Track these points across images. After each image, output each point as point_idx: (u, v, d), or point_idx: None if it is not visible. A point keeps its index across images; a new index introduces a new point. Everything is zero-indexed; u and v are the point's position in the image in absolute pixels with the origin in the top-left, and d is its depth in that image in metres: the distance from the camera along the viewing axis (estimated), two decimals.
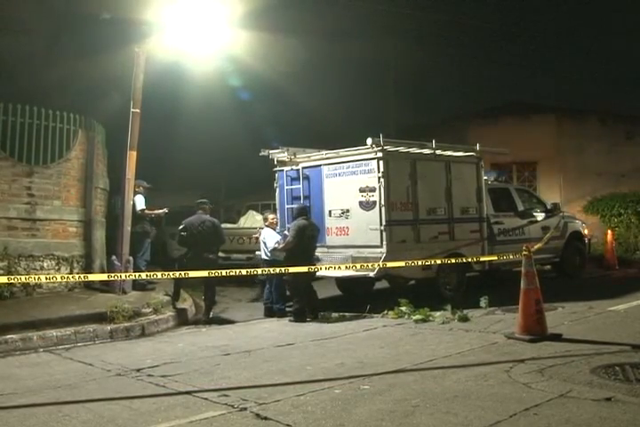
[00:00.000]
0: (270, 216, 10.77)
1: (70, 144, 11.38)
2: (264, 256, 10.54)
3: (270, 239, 10.38)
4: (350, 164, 10.73)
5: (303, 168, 11.42)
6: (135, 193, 11.44)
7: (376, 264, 9.81)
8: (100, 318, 8.72)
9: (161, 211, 12.14)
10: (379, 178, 10.25)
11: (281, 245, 10.10)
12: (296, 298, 9.83)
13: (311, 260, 9.83)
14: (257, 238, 11.07)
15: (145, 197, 11.92)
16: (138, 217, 11.45)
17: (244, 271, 8.73)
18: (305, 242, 9.85)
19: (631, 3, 27.81)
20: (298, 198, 11.37)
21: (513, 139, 18.41)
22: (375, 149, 10.27)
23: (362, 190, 10.46)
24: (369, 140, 10.18)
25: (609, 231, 16.71)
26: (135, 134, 10.98)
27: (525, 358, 6.23)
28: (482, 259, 11.09)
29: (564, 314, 9.00)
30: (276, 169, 11.88)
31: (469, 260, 10.57)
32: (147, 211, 11.82)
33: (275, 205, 12.22)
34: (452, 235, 11.18)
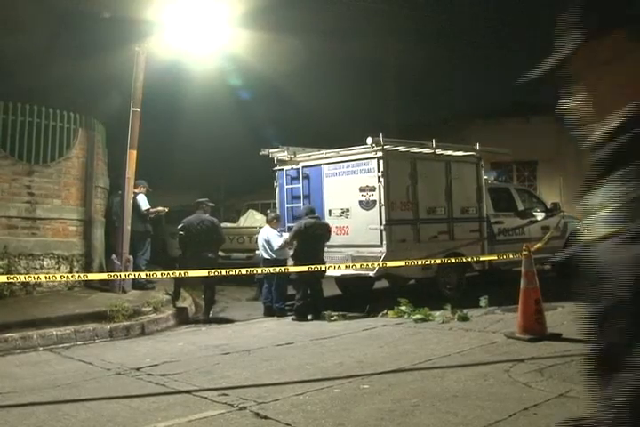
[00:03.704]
0: (274, 220, 10.71)
1: (70, 143, 11.38)
2: (266, 255, 10.53)
3: (275, 239, 10.36)
4: (350, 163, 10.73)
5: (303, 167, 11.42)
6: (136, 193, 11.46)
7: (376, 264, 9.82)
8: (100, 316, 8.72)
9: (162, 208, 12.17)
10: (379, 177, 10.26)
11: (282, 243, 10.23)
12: (299, 296, 9.86)
13: (316, 259, 9.79)
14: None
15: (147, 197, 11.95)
16: (139, 216, 11.45)
17: (243, 271, 8.74)
18: (307, 241, 9.87)
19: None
20: (298, 198, 11.37)
21: (513, 139, 18.41)
22: (375, 148, 10.27)
23: (362, 190, 10.46)
24: (369, 140, 10.18)
25: None
26: (135, 133, 10.98)
27: (525, 358, 6.24)
28: (482, 258, 11.10)
29: (563, 314, 8.99)
30: (276, 168, 11.88)
31: (469, 259, 10.58)
32: (151, 210, 11.84)
33: (275, 204, 12.23)
34: (451, 234, 11.18)
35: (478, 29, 22.51)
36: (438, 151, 11.22)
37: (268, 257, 10.48)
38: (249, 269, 9.59)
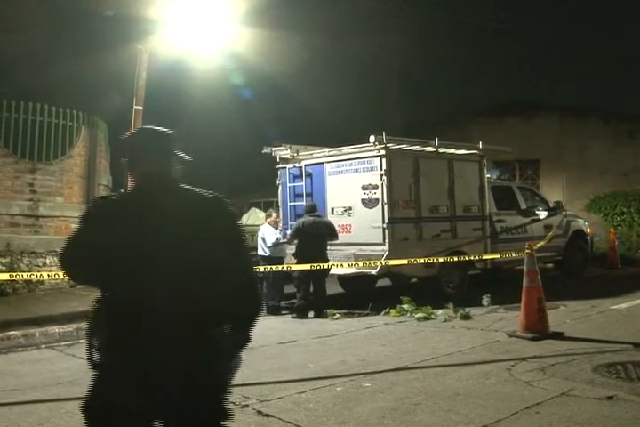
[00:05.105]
0: (274, 215, 10.81)
1: (73, 141, 11.40)
2: (261, 253, 10.61)
3: (269, 236, 10.45)
4: (353, 161, 10.71)
5: (306, 166, 11.41)
6: None
7: (378, 262, 9.83)
8: None
9: None
10: (381, 176, 10.24)
11: (283, 240, 10.36)
12: (300, 294, 9.87)
13: (318, 257, 9.75)
14: None
15: None
16: None
17: None
18: (308, 239, 9.88)
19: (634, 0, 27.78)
20: (300, 196, 11.36)
21: (516, 137, 18.41)
22: (378, 146, 10.25)
23: (364, 188, 10.45)
24: (372, 138, 10.16)
25: (611, 230, 16.69)
26: None
27: (527, 357, 6.23)
28: (484, 257, 11.09)
29: (565, 312, 9.00)
30: (278, 166, 11.87)
31: (471, 258, 10.57)
32: None
33: (277, 202, 12.23)
34: (454, 233, 11.16)
35: (480, 28, 22.47)
36: (441, 150, 11.20)
37: (263, 254, 10.56)
38: None
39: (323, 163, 11.20)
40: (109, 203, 2.61)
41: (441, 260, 10.08)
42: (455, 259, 10.15)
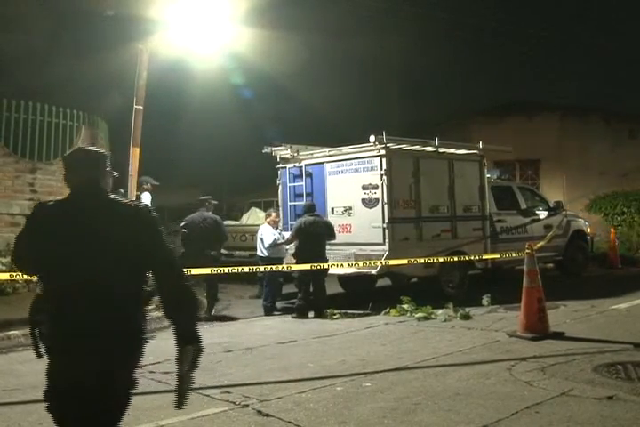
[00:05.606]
0: (273, 214, 10.81)
1: (73, 140, 11.40)
2: (260, 253, 10.60)
3: (268, 237, 10.45)
4: (353, 161, 10.71)
5: (306, 165, 11.41)
6: (142, 190, 11.46)
7: (378, 262, 9.83)
8: None
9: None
10: (381, 175, 10.24)
11: (281, 240, 10.34)
12: (300, 295, 9.87)
13: (317, 257, 9.75)
14: None
15: (152, 195, 11.92)
16: None
17: (246, 268, 8.75)
18: (308, 239, 9.87)
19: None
20: (301, 196, 11.37)
21: (516, 137, 18.40)
22: (378, 146, 10.25)
23: (365, 188, 10.45)
24: (372, 138, 10.16)
25: (612, 230, 16.69)
26: (138, 131, 10.99)
27: (527, 357, 6.23)
28: (484, 257, 11.09)
29: (566, 312, 9.00)
30: (278, 166, 11.87)
31: (472, 258, 10.58)
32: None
33: (277, 202, 12.23)
34: (454, 233, 11.16)
35: (481, 28, 22.50)
36: (441, 149, 11.20)
37: (262, 255, 10.55)
38: (251, 267, 9.62)
39: (323, 163, 11.20)
40: (47, 207, 3.00)
41: (441, 260, 10.09)
42: (455, 259, 10.16)
